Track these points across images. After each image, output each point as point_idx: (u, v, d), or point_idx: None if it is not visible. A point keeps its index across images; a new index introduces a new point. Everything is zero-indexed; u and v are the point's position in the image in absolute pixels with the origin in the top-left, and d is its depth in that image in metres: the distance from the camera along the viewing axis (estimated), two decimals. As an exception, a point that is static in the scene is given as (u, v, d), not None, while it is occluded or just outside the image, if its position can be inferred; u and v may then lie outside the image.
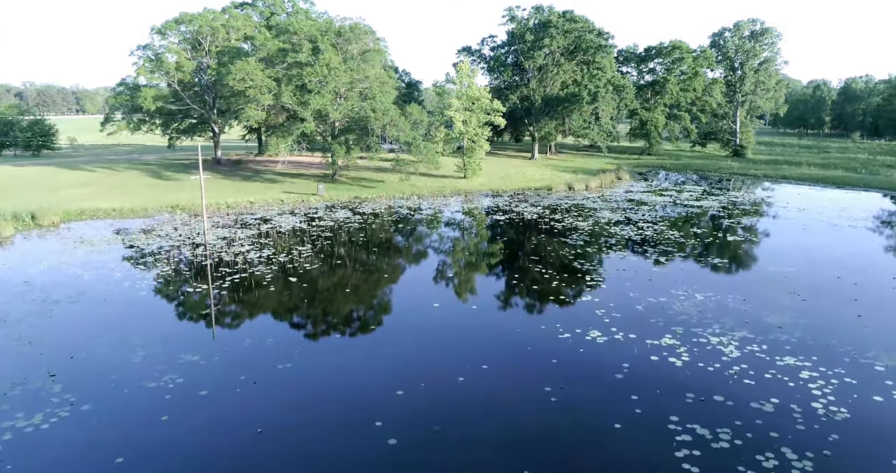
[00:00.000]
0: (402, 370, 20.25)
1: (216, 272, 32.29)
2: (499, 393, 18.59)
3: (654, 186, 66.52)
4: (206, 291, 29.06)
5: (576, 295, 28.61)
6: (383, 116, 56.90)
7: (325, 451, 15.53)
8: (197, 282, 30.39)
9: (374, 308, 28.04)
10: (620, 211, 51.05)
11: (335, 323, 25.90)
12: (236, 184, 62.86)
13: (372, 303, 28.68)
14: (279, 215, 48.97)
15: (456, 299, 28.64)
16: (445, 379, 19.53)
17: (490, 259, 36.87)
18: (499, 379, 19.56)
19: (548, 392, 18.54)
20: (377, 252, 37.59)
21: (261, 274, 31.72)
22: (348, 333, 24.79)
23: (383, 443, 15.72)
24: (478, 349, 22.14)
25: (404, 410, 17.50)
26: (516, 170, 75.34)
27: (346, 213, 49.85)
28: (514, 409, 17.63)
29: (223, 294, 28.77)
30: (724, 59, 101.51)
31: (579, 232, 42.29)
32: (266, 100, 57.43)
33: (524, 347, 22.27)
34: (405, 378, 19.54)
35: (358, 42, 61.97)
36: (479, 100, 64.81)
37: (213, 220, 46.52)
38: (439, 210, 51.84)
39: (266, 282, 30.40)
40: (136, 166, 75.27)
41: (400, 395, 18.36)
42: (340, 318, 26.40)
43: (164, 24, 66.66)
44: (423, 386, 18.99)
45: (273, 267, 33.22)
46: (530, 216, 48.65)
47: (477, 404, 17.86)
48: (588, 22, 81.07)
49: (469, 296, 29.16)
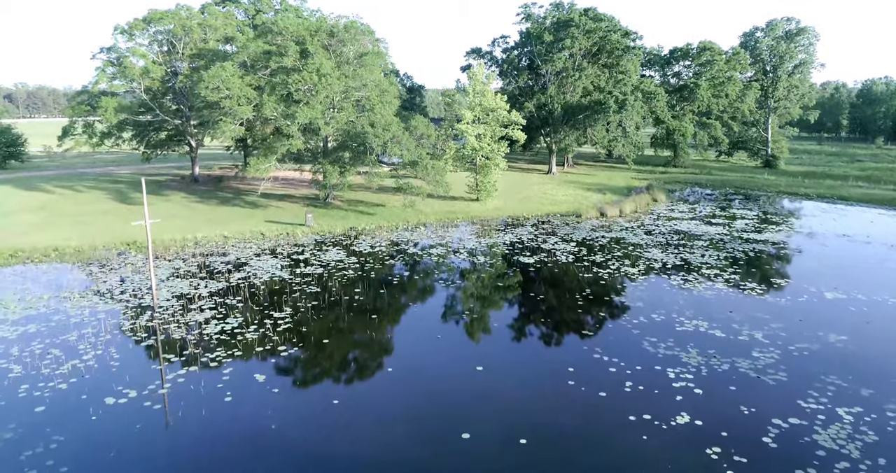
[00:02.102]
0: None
1: (156, 359, 23.33)
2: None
3: (697, 210, 57.56)
4: (135, 399, 20.02)
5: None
6: (384, 132, 47.91)
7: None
8: (122, 387, 21.35)
9: (373, 435, 18.96)
10: (671, 248, 42.14)
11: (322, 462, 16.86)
12: (212, 209, 53.84)
13: (368, 426, 19.58)
14: (257, 256, 39.99)
15: (496, 427, 19.56)
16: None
17: (535, 347, 27.83)
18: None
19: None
20: (377, 322, 28.59)
21: (217, 366, 22.75)
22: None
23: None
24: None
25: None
26: (534, 189, 66.38)
27: (339, 253, 40.89)
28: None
29: (154, 408, 19.76)
30: (755, 61, 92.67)
31: (637, 286, 33.31)
32: (244, 113, 48.43)
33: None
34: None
35: (354, 43, 53.03)
36: (495, 111, 55.82)
37: (174, 265, 37.52)
38: (452, 247, 42.87)
39: (222, 384, 21.42)
40: (105, 183, 66.30)
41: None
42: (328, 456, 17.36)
43: (130, 23, 57.66)
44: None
45: (236, 352, 24.24)
46: (565, 257, 39.70)
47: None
48: (613, 20, 72.12)
49: (514, 423, 20.09)
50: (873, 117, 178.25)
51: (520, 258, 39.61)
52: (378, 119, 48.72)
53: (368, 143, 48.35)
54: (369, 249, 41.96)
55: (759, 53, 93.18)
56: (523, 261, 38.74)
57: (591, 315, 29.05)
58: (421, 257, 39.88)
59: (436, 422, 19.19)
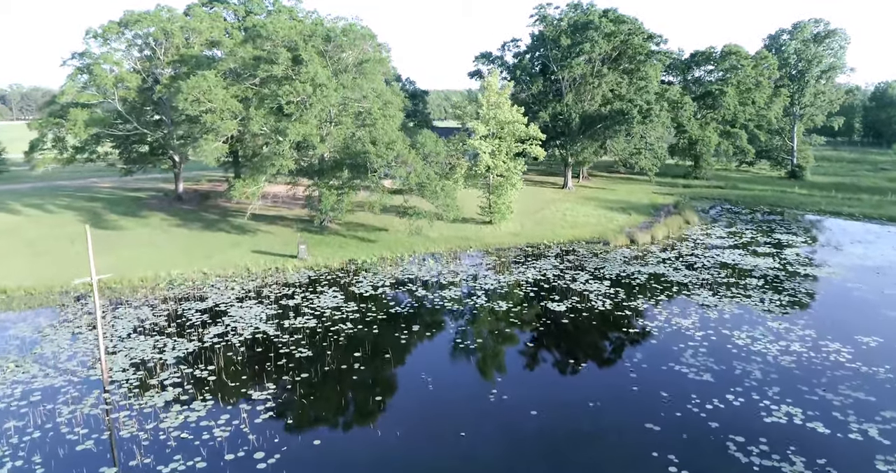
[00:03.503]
0: None
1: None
2: None
3: (736, 235, 51.66)
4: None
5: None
6: (387, 151, 41.99)
7: None
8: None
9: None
10: (722, 289, 36.28)
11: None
12: (194, 235, 47.93)
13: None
14: (239, 301, 34.11)
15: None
16: None
17: (582, 456, 21.97)
18: None
19: None
20: (382, 407, 22.70)
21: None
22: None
23: None
24: None
25: None
26: (551, 208, 60.49)
27: (336, 296, 35.03)
28: None
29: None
30: (781, 65, 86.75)
31: (697, 349, 27.43)
32: (228, 129, 42.54)
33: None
34: None
35: (353, 49, 47.14)
36: (513, 124, 49.87)
37: (139, 315, 31.64)
38: (466, 288, 37.00)
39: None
40: (80, 201, 60.39)
41: None
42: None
43: (103, 27, 51.74)
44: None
45: (198, 462, 18.33)
46: (600, 302, 33.83)
47: None
48: (636, 23, 66.19)
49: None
50: (888, 121, 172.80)
51: (548, 304, 33.72)
52: (380, 135, 42.81)
53: (370, 164, 42.45)
54: (371, 290, 36.09)
55: (786, 57, 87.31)
56: (553, 309, 32.84)
57: (652, 397, 23.15)
58: (432, 303, 33.97)
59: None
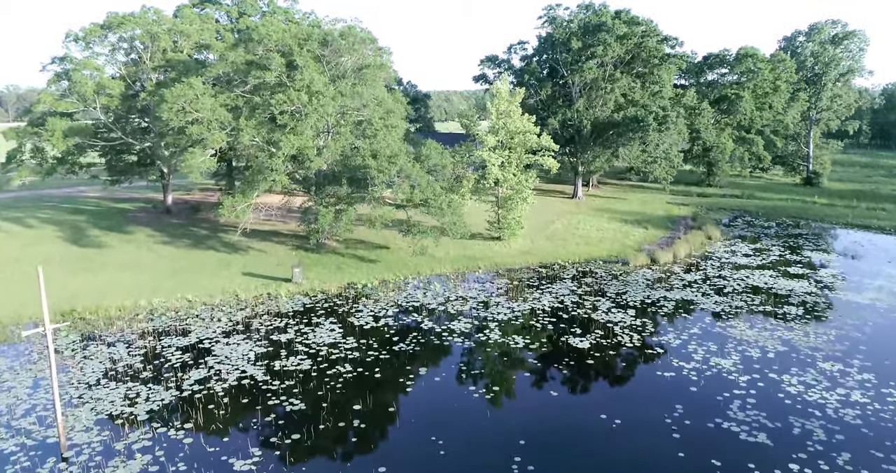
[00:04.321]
0: None
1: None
2: None
3: (763, 252, 48.22)
4: None
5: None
6: (389, 165, 38.55)
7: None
8: None
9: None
10: (759, 319, 32.84)
11: None
12: (181, 254, 44.51)
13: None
14: (226, 335, 30.68)
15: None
16: None
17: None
18: None
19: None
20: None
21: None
22: None
23: None
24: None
25: None
26: (562, 221, 57.04)
27: (333, 328, 31.62)
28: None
29: None
30: (798, 68, 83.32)
31: (746, 399, 23.98)
32: (216, 142, 39.14)
33: None
34: None
35: (352, 54, 43.72)
36: (524, 134, 46.39)
37: (112, 354, 28.23)
38: (477, 318, 33.57)
39: None
40: (63, 213, 56.96)
41: None
42: None
43: (85, 30, 48.32)
44: None
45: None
46: (626, 336, 30.40)
47: None
48: (651, 24, 62.79)
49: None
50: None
51: (569, 339, 30.30)
52: (381, 148, 39.38)
53: (370, 179, 39.03)
54: (372, 321, 32.66)
55: (802, 60, 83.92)
56: (575, 346, 29.42)
57: (703, 466, 19.71)
58: (439, 338, 30.54)
59: None
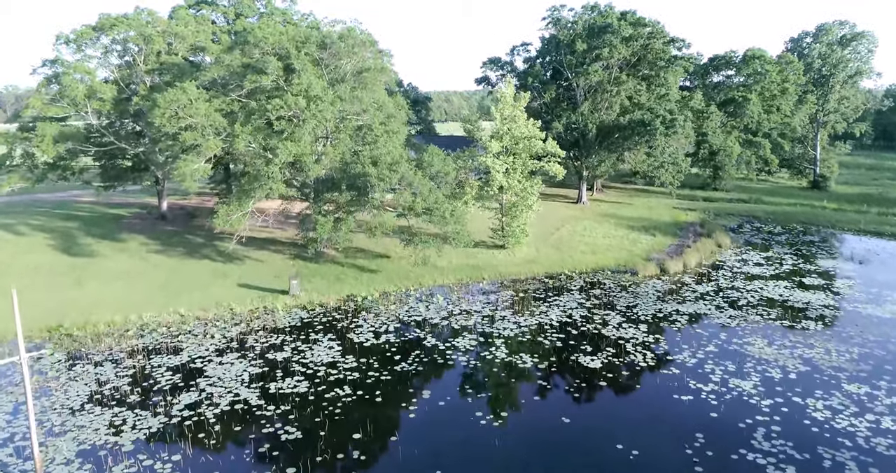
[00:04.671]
0: None
1: None
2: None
3: (776, 261, 46.78)
4: None
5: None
6: (390, 174, 37.11)
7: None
8: None
9: None
10: (777, 335, 31.41)
11: None
12: (174, 264, 43.07)
13: None
14: (219, 354, 29.25)
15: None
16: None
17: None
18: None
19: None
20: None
21: None
22: None
23: None
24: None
25: None
26: (567, 228, 55.58)
27: (332, 346, 30.20)
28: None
29: None
30: (805, 70, 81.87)
31: (771, 426, 22.51)
32: (211, 149, 37.69)
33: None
34: None
35: (351, 57, 42.27)
36: (529, 139, 44.95)
37: (99, 375, 26.79)
38: (482, 334, 32.15)
39: None
40: (56, 219, 55.49)
41: None
42: None
43: (76, 32, 46.85)
44: None
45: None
46: (640, 354, 28.96)
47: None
48: (657, 25, 61.35)
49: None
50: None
51: (579, 357, 28.87)
52: (382, 155, 37.92)
53: (370, 188, 37.59)
54: (372, 338, 31.23)
55: (810, 62, 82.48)
56: (586, 366, 27.99)
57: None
58: (444, 357, 29.10)
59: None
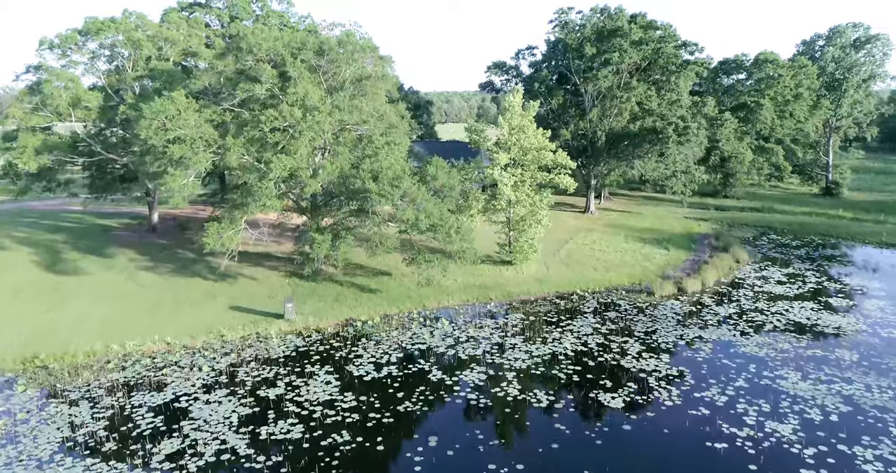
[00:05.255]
0: None
1: None
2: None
3: (798, 279, 44.40)
4: None
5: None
6: (392, 190, 34.71)
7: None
8: None
9: None
10: (809, 366, 29.03)
11: None
12: (163, 283, 40.68)
13: None
14: (206, 391, 26.87)
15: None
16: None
17: None
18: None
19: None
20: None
21: None
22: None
23: None
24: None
25: None
26: (577, 241, 53.14)
27: (329, 378, 27.84)
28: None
29: None
30: (819, 74, 79.49)
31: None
32: (200, 162, 35.27)
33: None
34: None
35: (351, 64, 39.86)
36: (539, 151, 42.54)
37: (73, 416, 24.39)
38: (492, 365, 29.77)
39: None
40: (41, 231, 53.03)
41: None
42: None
43: (60, 36, 44.46)
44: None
45: None
46: (665, 393, 26.58)
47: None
48: (669, 28, 58.96)
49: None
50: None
51: (599, 394, 26.49)
52: (383, 170, 35.49)
53: (371, 204, 35.19)
54: (373, 370, 28.85)
55: (823, 65, 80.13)
56: (606, 404, 25.61)
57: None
58: (451, 393, 26.72)
59: None
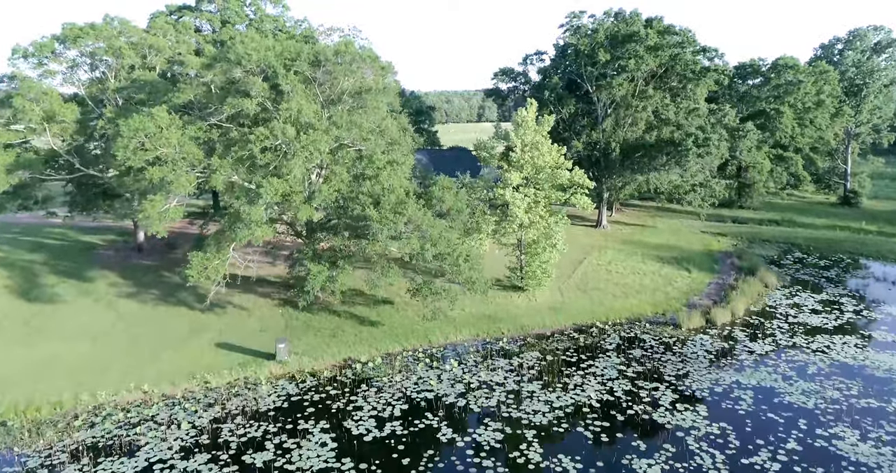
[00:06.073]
0: None
1: None
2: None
3: (835, 306, 41.03)
4: None
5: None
6: (395, 217, 31.30)
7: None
8: None
9: None
10: (868, 420, 25.68)
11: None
12: (144, 312, 37.33)
13: None
14: (183, 457, 23.49)
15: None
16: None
17: None
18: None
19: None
20: None
21: None
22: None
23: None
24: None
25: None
26: (591, 260, 49.71)
27: (324, 438, 24.48)
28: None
29: None
30: (839, 79, 76.10)
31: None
32: (183, 186, 31.83)
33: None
34: None
35: (350, 75, 36.39)
36: (554, 169, 39.13)
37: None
38: (503, 421, 26.41)
39: None
40: (21, 249, 49.85)
41: None
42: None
43: (36, 44, 41.05)
44: None
45: None
46: (708, 459, 23.20)
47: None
48: (688, 34, 55.50)
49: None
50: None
51: (633, 460, 23.13)
52: (384, 194, 32.07)
53: (372, 233, 31.78)
54: (374, 428, 25.48)
55: (843, 70, 76.74)
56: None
57: None
58: (462, 459, 23.32)
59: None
